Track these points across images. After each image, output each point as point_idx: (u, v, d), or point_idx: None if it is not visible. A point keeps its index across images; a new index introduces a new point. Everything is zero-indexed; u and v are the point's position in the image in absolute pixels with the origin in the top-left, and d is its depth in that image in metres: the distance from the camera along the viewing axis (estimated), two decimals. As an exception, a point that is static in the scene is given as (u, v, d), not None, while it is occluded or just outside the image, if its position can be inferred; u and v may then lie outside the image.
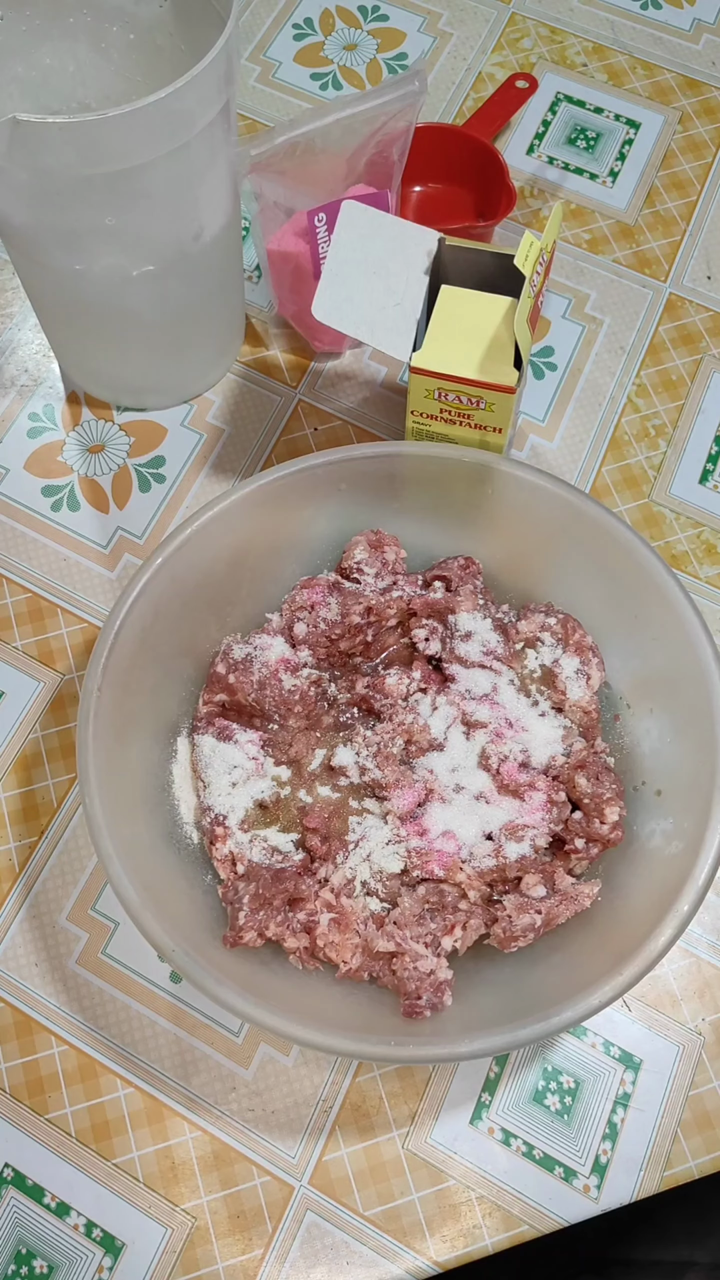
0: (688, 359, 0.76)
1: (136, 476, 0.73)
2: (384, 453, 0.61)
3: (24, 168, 0.53)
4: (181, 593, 0.59)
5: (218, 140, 0.58)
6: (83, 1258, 0.55)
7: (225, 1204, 0.55)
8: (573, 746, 0.59)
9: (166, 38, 0.63)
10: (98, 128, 0.50)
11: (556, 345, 0.77)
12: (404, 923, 0.55)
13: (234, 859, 0.58)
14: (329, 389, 0.75)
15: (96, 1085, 0.58)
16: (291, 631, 0.62)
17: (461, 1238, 0.55)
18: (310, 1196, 0.56)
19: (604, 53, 0.88)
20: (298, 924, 0.55)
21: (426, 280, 0.61)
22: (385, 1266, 0.54)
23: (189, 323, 0.69)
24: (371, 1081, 0.58)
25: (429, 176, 0.80)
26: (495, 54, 0.88)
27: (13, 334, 0.78)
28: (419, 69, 0.68)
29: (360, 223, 0.61)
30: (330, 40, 0.88)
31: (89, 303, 0.65)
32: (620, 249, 0.80)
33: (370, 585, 0.63)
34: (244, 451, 0.74)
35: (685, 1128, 0.57)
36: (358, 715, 0.62)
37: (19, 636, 0.68)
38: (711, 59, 0.88)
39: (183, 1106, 0.57)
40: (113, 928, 0.61)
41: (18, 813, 0.64)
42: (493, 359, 0.60)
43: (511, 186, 0.76)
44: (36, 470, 0.73)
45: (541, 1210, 0.55)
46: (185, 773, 0.61)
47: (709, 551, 0.71)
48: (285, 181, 0.67)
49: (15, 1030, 0.59)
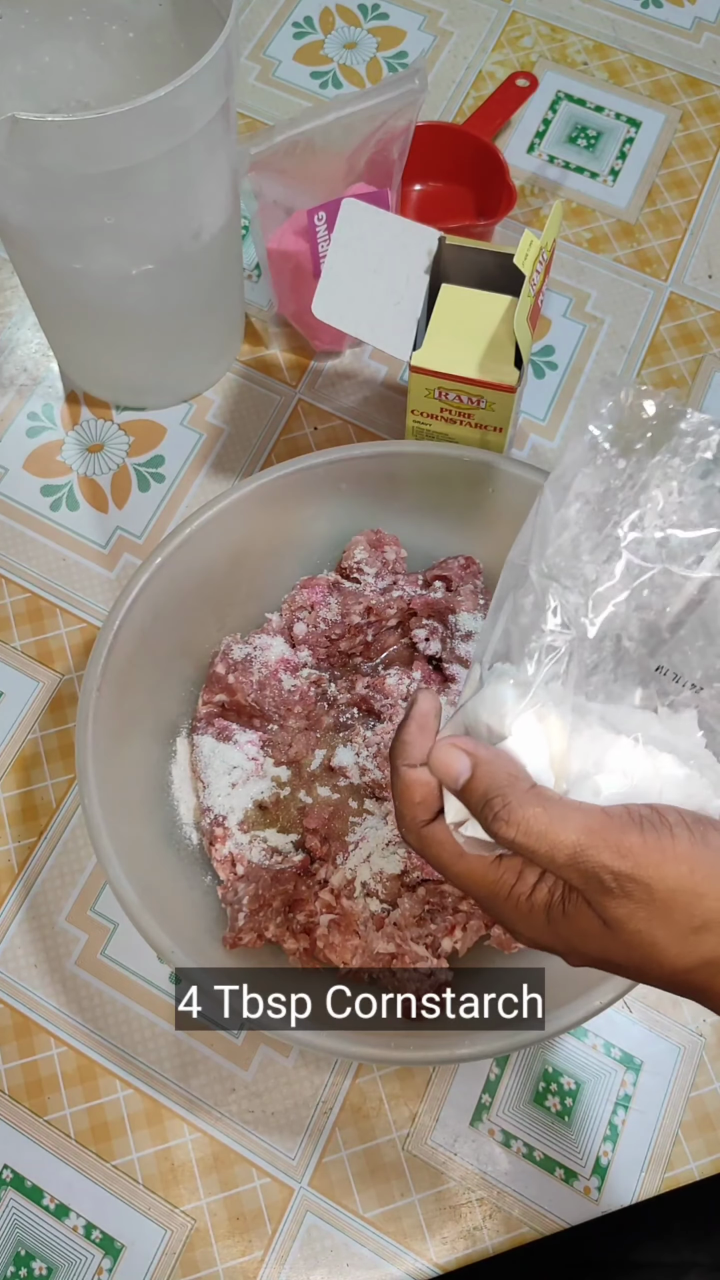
0: (689, 358, 0.76)
1: (136, 476, 0.72)
2: (384, 452, 0.61)
3: (23, 166, 0.53)
4: (181, 593, 0.59)
5: (217, 139, 0.58)
6: (82, 1259, 0.54)
7: (225, 1206, 0.55)
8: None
9: (166, 36, 0.63)
10: (97, 126, 0.50)
11: (557, 344, 0.77)
12: (404, 924, 0.55)
13: (233, 860, 0.58)
14: (329, 388, 0.75)
15: (96, 1087, 0.57)
16: (291, 631, 0.62)
17: (462, 1239, 0.55)
18: (310, 1198, 0.55)
19: (605, 51, 0.87)
20: (297, 925, 0.55)
21: (426, 279, 0.60)
22: (385, 1268, 0.54)
23: (188, 322, 0.69)
24: (371, 1083, 0.57)
25: (429, 175, 0.79)
26: (496, 52, 0.87)
27: (12, 333, 0.77)
28: (419, 67, 0.68)
29: (360, 221, 0.61)
30: (330, 39, 0.88)
31: (88, 302, 0.64)
32: (621, 248, 0.80)
33: (370, 585, 0.63)
34: (244, 451, 0.73)
35: (686, 1129, 0.57)
36: (358, 715, 0.62)
37: (18, 636, 0.68)
38: (712, 57, 0.87)
39: (182, 1108, 0.57)
40: (112, 929, 0.60)
41: (17, 813, 0.63)
42: (493, 358, 0.60)
43: (512, 185, 0.75)
44: (35, 470, 0.73)
45: (542, 1212, 0.55)
46: (185, 773, 0.61)
47: None
48: (285, 180, 0.67)
49: (14, 1031, 0.58)
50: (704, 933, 0.34)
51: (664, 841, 0.34)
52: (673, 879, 0.33)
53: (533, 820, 0.34)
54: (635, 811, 0.35)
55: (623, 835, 0.34)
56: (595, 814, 0.34)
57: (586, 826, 0.34)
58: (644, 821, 0.34)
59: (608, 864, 0.33)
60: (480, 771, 0.35)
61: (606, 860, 0.33)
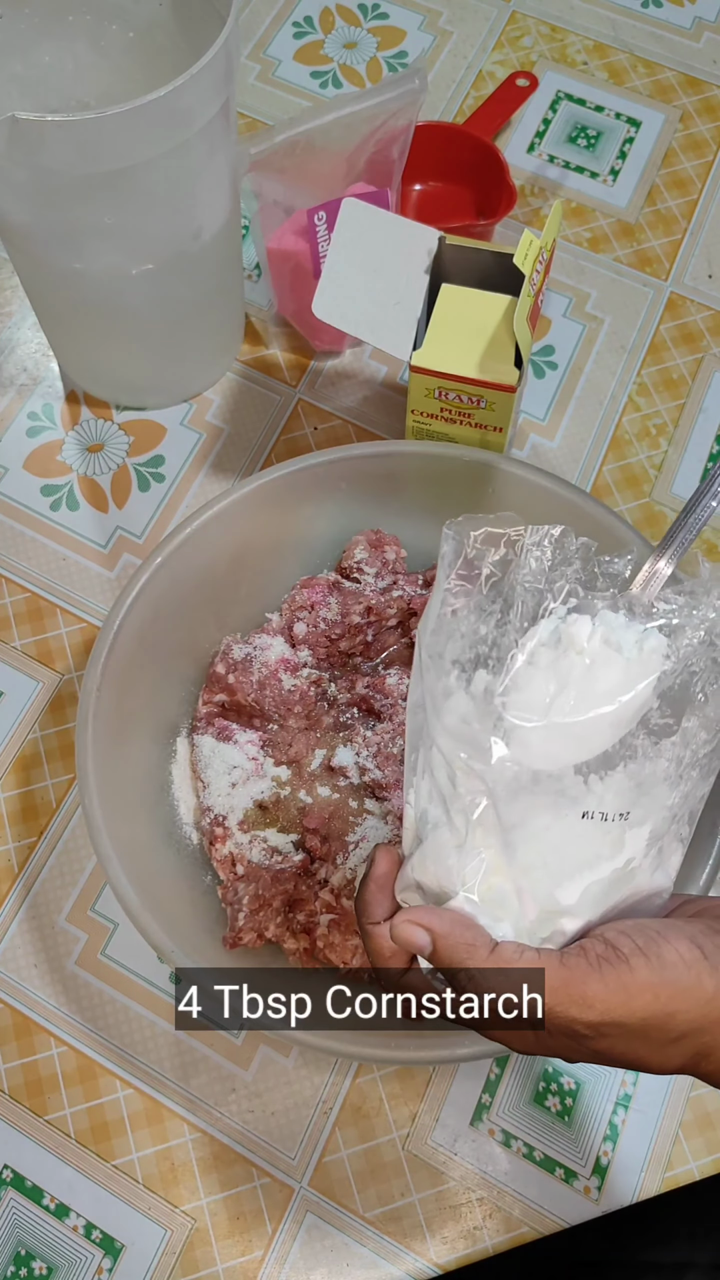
0: (689, 358, 0.76)
1: (136, 476, 0.72)
2: (384, 452, 0.61)
3: (23, 166, 0.53)
4: (181, 592, 0.59)
5: (217, 139, 0.58)
6: (82, 1259, 0.54)
7: (225, 1205, 0.55)
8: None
9: (166, 36, 0.63)
10: (97, 126, 0.50)
11: (557, 344, 0.77)
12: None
13: (233, 860, 0.58)
14: (329, 388, 0.75)
15: (96, 1086, 0.57)
16: (291, 631, 0.62)
17: (462, 1239, 0.55)
18: (310, 1198, 0.55)
19: (605, 51, 0.87)
20: (297, 925, 0.55)
21: (427, 279, 0.60)
22: (385, 1268, 0.54)
23: (188, 322, 0.69)
24: (371, 1083, 0.57)
25: (429, 175, 0.79)
26: (496, 52, 0.87)
27: (12, 333, 0.77)
28: (419, 67, 0.68)
29: (360, 221, 0.61)
30: (330, 38, 0.88)
31: (88, 301, 0.64)
32: (621, 248, 0.80)
33: (370, 585, 0.63)
34: (243, 451, 0.73)
35: (686, 1129, 0.57)
36: (358, 715, 0.62)
37: (18, 636, 0.68)
38: (712, 57, 0.87)
39: (182, 1108, 0.57)
40: (112, 929, 0.61)
41: (17, 813, 0.63)
42: (493, 358, 0.60)
43: (512, 185, 0.75)
44: (35, 469, 0.73)
45: (542, 1212, 0.55)
46: (185, 773, 0.61)
47: (710, 551, 0.71)
48: (285, 180, 0.67)
49: (14, 1031, 0.58)
50: (682, 1040, 0.36)
51: (624, 978, 0.35)
52: (641, 1010, 0.35)
53: (496, 987, 0.36)
54: (591, 951, 0.36)
55: (584, 986, 0.35)
56: (554, 968, 0.36)
57: (549, 987, 0.35)
58: (601, 963, 0.35)
59: (577, 1018, 0.35)
60: (439, 945, 0.37)
61: (575, 1014, 0.35)
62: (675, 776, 0.40)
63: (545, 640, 0.40)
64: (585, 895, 0.38)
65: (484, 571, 0.42)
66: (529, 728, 0.39)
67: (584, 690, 0.39)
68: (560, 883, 0.38)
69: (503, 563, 0.42)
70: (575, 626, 0.40)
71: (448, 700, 0.40)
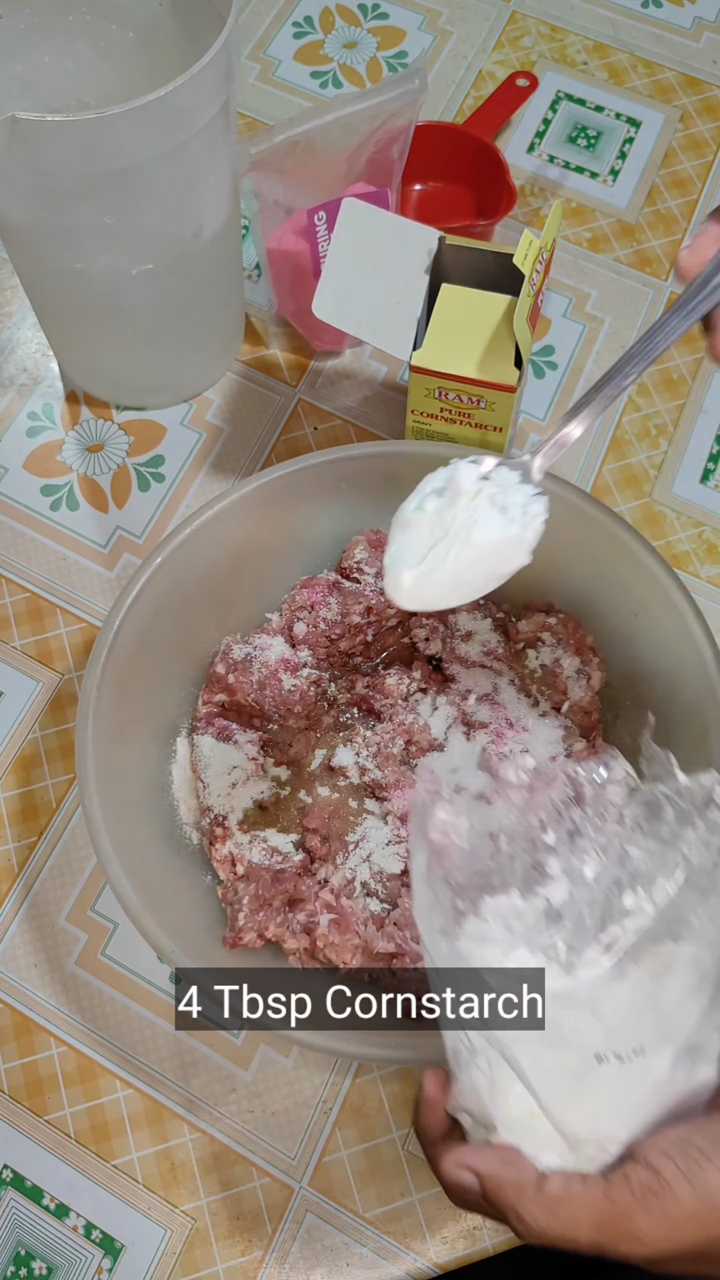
0: (689, 358, 0.76)
1: (136, 476, 0.72)
2: (384, 452, 0.61)
3: (23, 166, 0.53)
4: (181, 593, 0.59)
5: (217, 139, 0.58)
6: (82, 1259, 0.54)
7: (225, 1206, 0.55)
8: (573, 747, 0.59)
9: (166, 36, 0.63)
10: (97, 126, 0.50)
11: (557, 344, 0.77)
12: (404, 923, 0.55)
13: (233, 860, 0.58)
14: (329, 388, 0.75)
15: (96, 1086, 0.57)
16: (291, 631, 0.62)
17: (462, 1239, 0.55)
18: (310, 1198, 0.55)
19: (605, 51, 0.87)
20: (297, 925, 0.55)
21: (426, 279, 0.60)
22: (385, 1268, 0.54)
23: (188, 322, 0.69)
24: (371, 1083, 0.57)
25: (429, 175, 0.79)
26: (496, 52, 0.87)
27: (12, 333, 0.77)
28: (419, 67, 0.68)
29: (360, 221, 0.61)
30: (330, 38, 0.88)
31: (88, 301, 0.64)
32: (621, 248, 0.80)
33: (370, 585, 0.63)
34: (244, 451, 0.73)
35: (686, 1129, 0.57)
36: (358, 715, 0.62)
37: (18, 636, 0.68)
38: (712, 57, 0.87)
39: (182, 1108, 0.57)
40: (112, 928, 0.60)
41: (17, 813, 0.63)
42: (493, 358, 0.60)
43: (512, 185, 0.75)
44: (35, 469, 0.73)
45: (542, 1212, 0.55)
46: (185, 773, 0.61)
47: (710, 551, 0.71)
48: (285, 180, 0.67)
49: (14, 1031, 0.58)
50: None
51: (669, 1209, 0.35)
52: (690, 1239, 0.35)
53: (546, 1229, 0.36)
54: (634, 1180, 0.36)
55: (630, 1222, 0.36)
56: (598, 1203, 0.36)
57: (596, 1222, 0.36)
58: (645, 1194, 0.36)
59: (628, 1253, 0.36)
60: (486, 1186, 0.38)
61: (625, 1250, 0.36)
62: (695, 989, 0.39)
63: (437, 488, 0.42)
64: (622, 1118, 0.38)
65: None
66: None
67: (464, 541, 0.42)
68: (594, 1114, 0.38)
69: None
70: (460, 471, 0.41)
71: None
